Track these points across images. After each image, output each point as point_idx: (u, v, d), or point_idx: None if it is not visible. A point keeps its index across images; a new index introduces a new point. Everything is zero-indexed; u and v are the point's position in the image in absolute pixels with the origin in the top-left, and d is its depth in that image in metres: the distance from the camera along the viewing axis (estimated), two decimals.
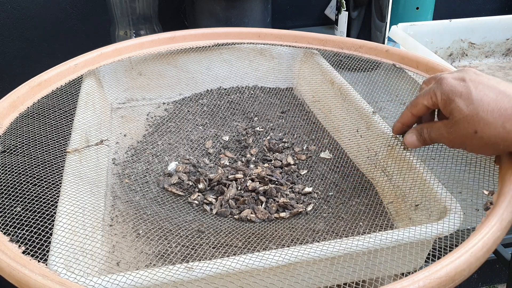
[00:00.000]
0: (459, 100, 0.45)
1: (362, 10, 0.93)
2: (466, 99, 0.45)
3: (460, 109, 0.45)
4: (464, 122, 0.45)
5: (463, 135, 0.46)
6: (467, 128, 0.45)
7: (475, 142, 0.45)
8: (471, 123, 0.45)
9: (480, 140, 0.45)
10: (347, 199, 0.57)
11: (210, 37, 0.81)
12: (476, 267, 0.37)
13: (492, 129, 0.44)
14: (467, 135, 0.45)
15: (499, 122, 0.43)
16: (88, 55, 0.72)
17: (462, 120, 0.45)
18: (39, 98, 0.63)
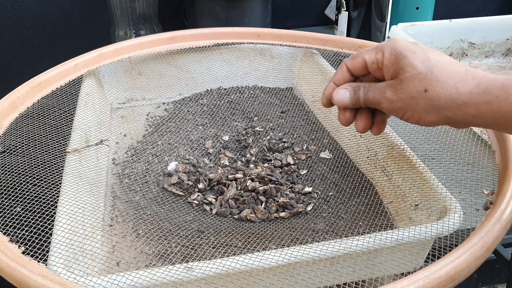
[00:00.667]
0: (413, 56, 0.41)
1: (362, 10, 0.93)
2: (421, 56, 0.41)
3: (414, 64, 0.40)
4: (416, 79, 0.40)
5: (409, 94, 0.41)
6: (417, 86, 0.40)
7: (421, 103, 0.40)
8: (423, 80, 0.40)
9: (428, 101, 0.40)
10: (347, 199, 0.57)
11: (210, 37, 0.81)
12: (476, 267, 0.37)
13: (444, 89, 0.39)
14: (415, 94, 0.40)
15: (452, 82, 0.39)
16: (88, 55, 0.72)
17: (413, 77, 0.40)
18: (39, 98, 0.63)
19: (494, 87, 0.38)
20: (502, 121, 0.38)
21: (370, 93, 0.43)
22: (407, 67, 0.41)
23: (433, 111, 0.40)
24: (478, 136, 0.56)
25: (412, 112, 0.41)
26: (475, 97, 0.39)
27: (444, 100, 0.40)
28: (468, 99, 0.39)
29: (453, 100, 0.39)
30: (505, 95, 0.37)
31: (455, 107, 0.39)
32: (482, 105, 0.38)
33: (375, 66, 0.43)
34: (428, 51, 0.41)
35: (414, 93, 0.40)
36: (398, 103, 0.41)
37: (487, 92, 0.38)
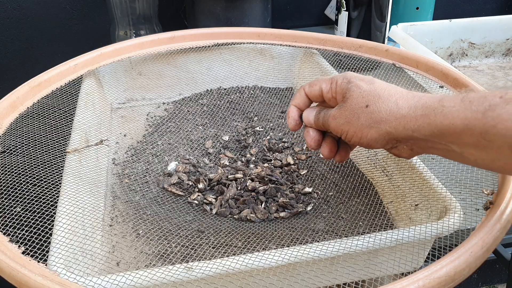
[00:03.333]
0: (360, 81, 0.44)
1: (362, 10, 0.93)
2: (367, 80, 0.44)
3: (359, 85, 0.43)
4: (359, 97, 0.42)
5: (351, 110, 0.43)
6: (359, 103, 0.42)
7: (362, 118, 0.42)
8: (365, 97, 0.42)
9: (369, 115, 0.41)
10: (347, 199, 0.57)
11: (210, 37, 0.81)
12: (476, 267, 0.37)
13: (385, 104, 0.41)
14: (356, 110, 0.42)
15: (393, 99, 0.41)
16: (88, 55, 0.72)
17: (357, 95, 0.43)
18: (39, 98, 0.63)
19: (432, 102, 0.38)
20: (439, 134, 0.38)
21: (322, 115, 0.46)
22: (352, 88, 0.43)
23: (374, 125, 0.41)
24: None
25: (354, 129, 0.43)
26: (414, 111, 0.39)
27: (384, 114, 0.41)
28: (407, 113, 0.39)
29: (392, 113, 0.40)
30: (440, 108, 0.37)
31: (394, 120, 0.40)
32: (420, 119, 0.39)
33: (329, 95, 0.46)
34: (376, 79, 0.44)
35: (356, 109, 0.42)
36: (340, 119, 0.43)
37: (425, 106, 0.39)
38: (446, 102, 0.38)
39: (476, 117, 0.36)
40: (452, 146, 0.38)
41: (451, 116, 0.37)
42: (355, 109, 0.42)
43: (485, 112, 0.35)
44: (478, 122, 0.35)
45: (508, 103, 0.35)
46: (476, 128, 0.36)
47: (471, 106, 0.36)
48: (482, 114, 0.35)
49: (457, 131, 0.37)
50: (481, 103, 0.36)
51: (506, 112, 0.34)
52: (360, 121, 0.42)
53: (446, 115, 0.37)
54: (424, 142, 0.40)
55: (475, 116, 0.36)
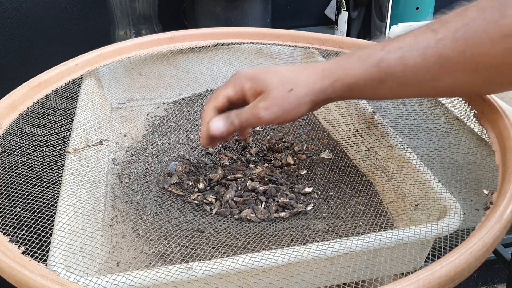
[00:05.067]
0: (266, 75, 0.49)
1: (362, 10, 0.94)
2: (271, 73, 0.50)
3: (272, 78, 0.49)
4: (279, 86, 0.48)
5: (281, 98, 0.48)
6: (283, 90, 0.48)
7: (292, 100, 0.48)
8: (284, 84, 0.48)
9: (296, 97, 0.48)
10: (347, 199, 0.57)
11: (210, 37, 0.81)
12: (476, 267, 0.37)
13: (303, 84, 0.48)
14: (284, 96, 0.48)
15: (304, 76, 0.49)
16: (88, 55, 0.72)
17: (276, 85, 0.48)
18: (39, 98, 0.63)
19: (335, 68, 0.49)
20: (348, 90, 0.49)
21: (244, 114, 0.50)
22: (267, 81, 0.49)
23: (303, 102, 0.49)
24: (478, 136, 0.56)
25: (289, 111, 0.49)
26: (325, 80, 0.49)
27: (306, 90, 0.49)
28: (321, 83, 0.49)
29: (312, 88, 0.49)
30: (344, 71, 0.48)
31: (316, 93, 0.49)
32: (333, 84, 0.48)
33: (237, 97, 0.51)
34: (268, 67, 0.52)
35: (283, 96, 0.48)
36: (274, 107, 0.49)
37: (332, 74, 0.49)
38: (346, 65, 0.48)
39: (372, 71, 0.47)
40: (356, 95, 0.53)
41: (354, 75, 0.48)
42: (283, 96, 0.48)
43: (378, 65, 0.46)
44: (376, 74, 0.47)
45: (390, 52, 0.46)
46: (374, 79, 0.47)
47: (366, 64, 0.47)
48: (377, 67, 0.46)
49: (361, 85, 0.48)
50: (372, 59, 0.47)
51: (392, 59, 0.46)
52: (292, 103, 0.49)
53: (351, 75, 0.48)
54: (338, 98, 0.51)
55: (372, 70, 0.47)
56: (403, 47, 0.46)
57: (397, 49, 0.46)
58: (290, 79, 0.49)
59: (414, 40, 0.45)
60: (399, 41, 0.46)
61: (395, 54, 0.46)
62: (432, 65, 0.45)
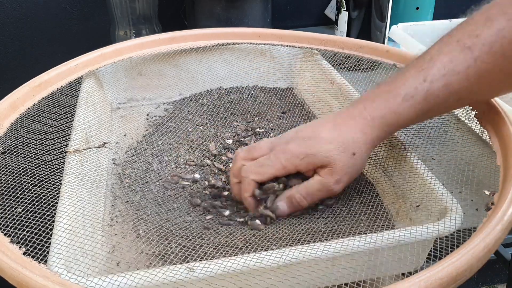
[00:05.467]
0: (320, 148, 0.48)
1: (362, 10, 0.94)
2: (324, 142, 0.48)
3: (329, 149, 0.48)
4: (342, 154, 0.47)
5: (347, 168, 0.48)
6: (347, 157, 0.48)
7: (357, 163, 0.49)
8: (346, 150, 0.48)
9: (360, 159, 0.49)
10: (347, 199, 0.57)
11: (210, 37, 0.81)
12: (477, 268, 0.37)
13: (360, 144, 0.48)
14: (349, 164, 0.48)
15: (359, 134, 0.48)
16: (89, 56, 0.72)
17: (338, 155, 0.47)
18: (39, 99, 0.63)
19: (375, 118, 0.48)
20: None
21: (313, 192, 0.49)
22: (325, 155, 0.48)
23: (366, 157, 0.50)
24: (478, 137, 0.56)
25: (356, 173, 0.51)
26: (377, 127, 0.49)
27: (365, 148, 0.48)
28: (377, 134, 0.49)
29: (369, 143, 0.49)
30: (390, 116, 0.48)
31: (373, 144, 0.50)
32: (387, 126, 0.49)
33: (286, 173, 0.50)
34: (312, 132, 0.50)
35: (349, 162, 0.48)
36: (345, 177, 0.49)
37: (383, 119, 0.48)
38: (394, 107, 0.47)
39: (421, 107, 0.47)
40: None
41: (406, 117, 0.48)
42: (349, 163, 0.48)
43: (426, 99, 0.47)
44: (424, 107, 0.47)
45: (433, 82, 0.46)
46: (424, 111, 0.48)
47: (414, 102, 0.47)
48: (425, 101, 0.47)
49: (412, 122, 0.49)
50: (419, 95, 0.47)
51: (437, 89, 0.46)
52: (358, 166, 0.49)
53: (403, 119, 0.48)
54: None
55: (421, 106, 0.47)
56: (446, 74, 0.45)
57: (440, 77, 0.45)
58: (347, 142, 0.48)
59: (453, 64, 0.45)
60: (437, 65, 0.46)
61: (440, 83, 0.45)
62: (474, 83, 0.45)
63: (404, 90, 0.47)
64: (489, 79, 0.45)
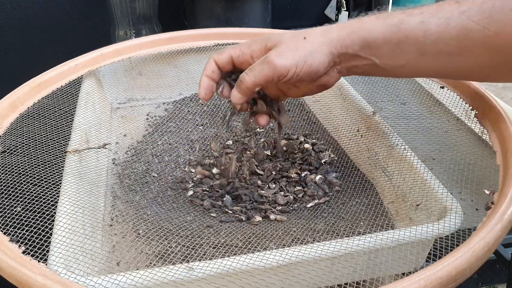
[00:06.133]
0: (278, 36, 0.48)
1: (362, 10, 0.94)
2: (283, 34, 0.48)
3: (283, 34, 0.48)
4: (291, 38, 0.47)
5: (292, 46, 0.46)
6: (296, 39, 0.46)
7: (307, 46, 0.46)
8: (299, 34, 0.47)
9: (310, 43, 0.46)
10: (347, 199, 0.57)
11: (210, 37, 0.81)
12: (477, 267, 0.37)
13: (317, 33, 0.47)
14: (298, 42, 0.46)
15: (320, 29, 0.47)
16: (88, 56, 0.72)
17: (288, 38, 0.47)
18: (39, 99, 0.63)
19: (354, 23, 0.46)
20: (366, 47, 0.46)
21: (255, 66, 0.48)
22: (277, 37, 0.47)
23: (318, 49, 0.46)
24: (478, 137, 0.56)
25: (304, 58, 0.46)
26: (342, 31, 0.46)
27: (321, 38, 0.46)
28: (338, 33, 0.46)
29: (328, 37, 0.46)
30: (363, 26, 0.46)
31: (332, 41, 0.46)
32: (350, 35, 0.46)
33: (241, 59, 0.49)
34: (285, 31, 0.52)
35: (296, 42, 0.46)
36: (288, 53, 0.46)
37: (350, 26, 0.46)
38: (366, 22, 0.46)
39: (392, 30, 0.44)
40: (373, 59, 0.46)
41: (374, 30, 0.45)
42: (296, 43, 0.46)
43: (398, 25, 0.44)
44: (394, 34, 0.44)
45: (411, 15, 0.44)
46: (392, 39, 0.44)
47: (385, 22, 0.45)
48: (397, 27, 0.44)
49: (379, 43, 0.45)
50: (392, 19, 0.45)
51: (413, 22, 0.44)
52: (307, 49, 0.46)
53: (369, 30, 0.45)
54: (353, 58, 0.47)
55: (391, 30, 0.44)
56: (425, 12, 0.44)
57: (418, 14, 0.44)
58: (303, 32, 0.47)
59: (437, 9, 0.43)
60: (421, 8, 0.44)
61: (416, 18, 0.44)
62: (454, 37, 0.43)
63: (379, 14, 0.47)
64: (472, 40, 0.42)
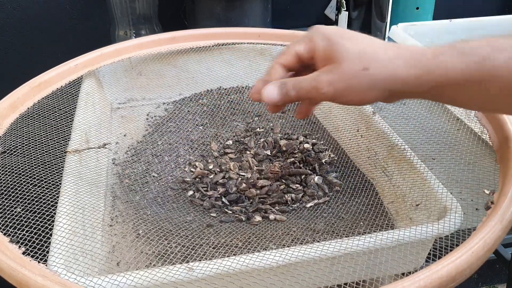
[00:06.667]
0: (343, 40, 0.41)
1: (362, 10, 0.93)
2: (353, 41, 0.41)
3: (348, 47, 0.41)
4: (354, 59, 0.40)
5: (351, 74, 0.40)
6: (356, 65, 0.40)
7: (364, 81, 0.40)
8: (360, 59, 0.40)
9: (369, 78, 0.40)
10: (347, 199, 0.57)
11: (210, 37, 0.81)
12: (477, 267, 0.37)
13: (383, 65, 0.40)
14: (356, 73, 0.40)
15: (387, 56, 0.40)
16: (88, 56, 0.72)
17: (350, 57, 0.40)
18: (39, 99, 0.63)
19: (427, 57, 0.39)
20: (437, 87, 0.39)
21: (303, 84, 0.42)
22: (340, 49, 0.41)
23: (376, 87, 0.41)
24: (478, 136, 0.56)
25: (356, 93, 0.41)
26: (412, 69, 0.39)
27: (385, 75, 0.40)
28: (407, 72, 0.40)
29: (392, 74, 0.40)
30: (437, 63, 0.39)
31: (395, 80, 0.40)
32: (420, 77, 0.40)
33: (307, 56, 0.43)
34: (353, 32, 0.42)
35: (354, 73, 0.40)
36: (340, 83, 0.41)
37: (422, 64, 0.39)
38: (441, 56, 0.39)
39: (474, 68, 0.38)
40: (444, 99, 0.41)
41: (451, 70, 0.38)
42: (354, 72, 0.40)
43: (482, 63, 0.38)
44: (477, 73, 0.38)
45: (499, 50, 0.38)
46: (475, 79, 0.38)
47: (467, 58, 0.38)
48: (480, 65, 0.38)
49: (456, 84, 0.39)
50: (476, 55, 0.38)
51: (500, 59, 0.37)
52: (362, 85, 0.40)
53: (445, 69, 0.38)
54: (413, 95, 0.42)
55: (474, 68, 0.38)
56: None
57: (507, 48, 0.38)
58: (370, 55, 0.40)
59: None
60: (509, 39, 0.39)
61: (504, 54, 0.38)
62: None
63: (461, 45, 0.40)
64: None
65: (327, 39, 0.42)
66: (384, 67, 0.40)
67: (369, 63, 0.40)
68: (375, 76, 0.40)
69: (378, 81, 0.40)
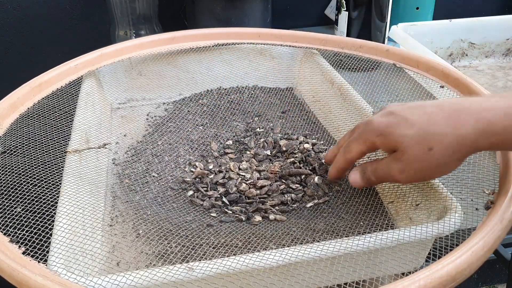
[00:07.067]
0: (398, 129, 0.42)
1: (362, 10, 0.93)
2: (404, 125, 0.42)
3: (405, 134, 0.42)
4: (416, 144, 0.41)
5: (418, 160, 0.42)
6: (420, 149, 0.41)
7: (432, 163, 0.41)
8: (424, 141, 0.41)
9: (435, 158, 0.41)
10: (347, 199, 0.57)
11: (210, 37, 0.81)
12: (477, 267, 0.37)
13: (447, 143, 0.40)
14: (422, 157, 0.41)
15: (450, 128, 0.40)
16: (88, 56, 0.72)
17: (412, 144, 0.41)
18: (39, 99, 0.63)
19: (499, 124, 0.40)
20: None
21: (379, 172, 0.46)
22: (400, 140, 0.42)
23: (443, 167, 0.42)
24: None
25: (426, 175, 0.43)
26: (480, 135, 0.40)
27: (451, 151, 0.41)
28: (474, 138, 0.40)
29: (457, 149, 0.41)
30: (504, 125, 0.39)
31: (464, 150, 0.41)
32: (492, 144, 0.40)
33: (370, 151, 0.48)
34: (405, 115, 0.43)
35: (420, 156, 0.41)
36: (410, 171, 0.43)
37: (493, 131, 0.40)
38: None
39: None
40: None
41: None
42: (421, 157, 0.41)
43: None
44: None
45: None
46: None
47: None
48: None
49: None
50: None
51: None
52: (432, 165, 0.42)
53: None
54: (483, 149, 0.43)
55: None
56: None
57: None
58: (430, 134, 0.41)
59: None
60: None
61: None
62: None
63: None
64: None
65: (382, 133, 0.44)
66: (450, 141, 0.40)
67: (432, 143, 0.41)
68: (444, 153, 0.41)
69: (449, 156, 0.41)
